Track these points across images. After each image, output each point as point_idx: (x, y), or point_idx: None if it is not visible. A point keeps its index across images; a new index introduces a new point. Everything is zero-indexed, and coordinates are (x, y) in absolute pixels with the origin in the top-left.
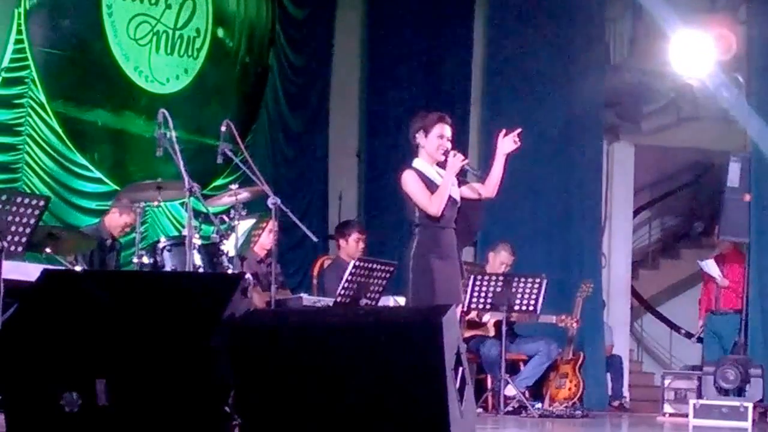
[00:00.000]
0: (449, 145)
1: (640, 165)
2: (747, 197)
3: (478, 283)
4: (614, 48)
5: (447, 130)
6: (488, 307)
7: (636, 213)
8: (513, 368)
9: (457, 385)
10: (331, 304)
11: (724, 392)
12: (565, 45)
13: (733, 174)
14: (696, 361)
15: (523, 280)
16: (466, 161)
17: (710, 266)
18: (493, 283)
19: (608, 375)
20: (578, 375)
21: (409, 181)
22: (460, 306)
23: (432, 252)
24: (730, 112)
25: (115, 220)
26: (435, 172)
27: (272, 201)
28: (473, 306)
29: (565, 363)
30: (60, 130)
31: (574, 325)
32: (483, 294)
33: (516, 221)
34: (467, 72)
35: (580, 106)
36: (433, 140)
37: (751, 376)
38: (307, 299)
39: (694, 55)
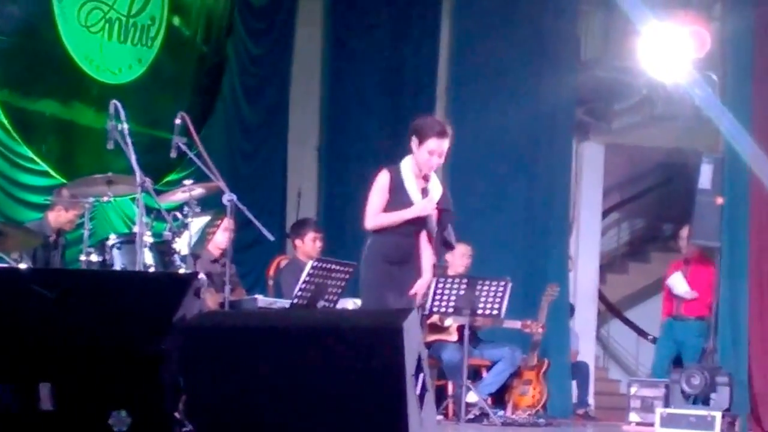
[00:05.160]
0: (440, 162)
1: (610, 165)
2: (719, 200)
3: (440, 285)
4: (586, 44)
5: (443, 145)
6: (451, 310)
7: (605, 214)
8: (476, 374)
9: (418, 392)
10: (287, 305)
11: (688, 398)
12: (535, 40)
13: (705, 176)
14: None
15: (487, 283)
16: (434, 214)
17: (677, 282)
18: (456, 286)
19: (573, 382)
20: (542, 382)
21: (375, 182)
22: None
23: (384, 257)
24: (703, 111)
25: (63, 216)
26: (414, 182)
27: (228, 197)
28: (436, 309)
29: (529, 369)
30: (5, 121)
31: (540, 330)
32: (446, 297)
33: (481, 222)
34: (433, 67)
35: (549, 103)
36: (424, 153)
37: (718, 384)
38: (262, 300)
39: (667, 52)
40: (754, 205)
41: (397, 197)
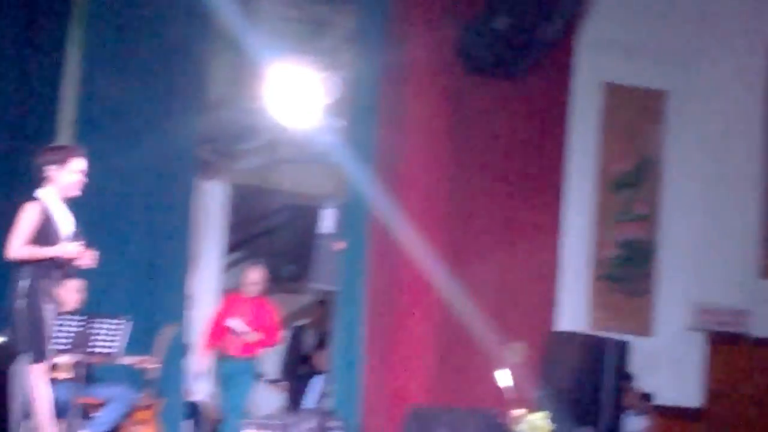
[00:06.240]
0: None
1: (234, 204)
2: (339, 245)
3: (57, 323)
4: (214, 84)
5: (85, 163)
6: (67, 348)
7: (228, 254)
8: (88, 413)
9: None
10: None
11: None
12: (163, 77)
13: (326, 220)
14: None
15: (105, 321)
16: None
17: (236, 325)
18: (73, 323)
19: (188, 421)
20: (156, 421)
21: (24, 214)
22: None
23: (44, 293)
24: (328, 156)
25: None
26: (61, 209)
27: None
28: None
29: (143, 409)
30: None
31: (154, 368)
32: (62, 335)
33: (100, 259)
34: (56, 101)
35: (174, 141)
36: (71, 175)
37: (331, 429)
38: None
39: (294, 96)
40: (373, 251)
41: (49, 228)
